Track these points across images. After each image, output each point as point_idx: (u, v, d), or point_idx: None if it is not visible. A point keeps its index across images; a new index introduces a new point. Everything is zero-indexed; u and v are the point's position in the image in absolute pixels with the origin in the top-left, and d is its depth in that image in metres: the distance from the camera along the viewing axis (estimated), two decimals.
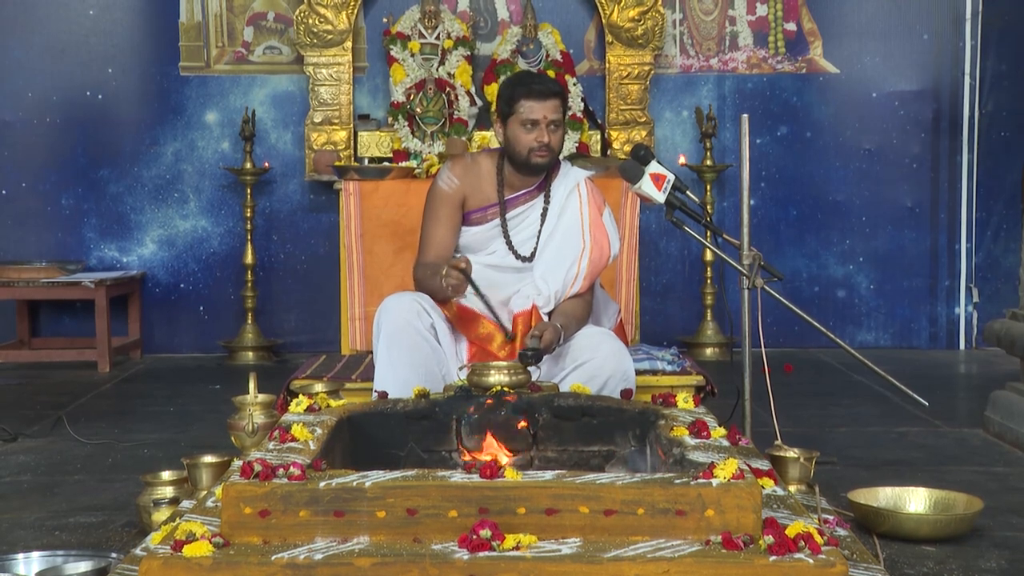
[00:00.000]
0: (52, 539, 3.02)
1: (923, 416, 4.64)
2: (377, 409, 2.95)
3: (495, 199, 3.68)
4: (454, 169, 3.71)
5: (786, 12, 6.84)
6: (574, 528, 2.05)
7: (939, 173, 6.87)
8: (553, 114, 3.55)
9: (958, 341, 6.90)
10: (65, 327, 6.74)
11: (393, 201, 5.41)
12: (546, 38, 6.55)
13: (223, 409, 3.73)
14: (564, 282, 3.60)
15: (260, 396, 3.11)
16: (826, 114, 6.86)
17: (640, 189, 3.33)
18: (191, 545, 1.98)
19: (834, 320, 6.80)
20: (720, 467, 2.11)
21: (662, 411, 2.88)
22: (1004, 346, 4.31)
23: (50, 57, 6.66)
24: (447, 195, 3.66)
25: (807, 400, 5.12)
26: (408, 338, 3.44)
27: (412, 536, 2.05)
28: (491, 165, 3.70)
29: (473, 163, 3.73)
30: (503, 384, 2.94)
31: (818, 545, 1.95)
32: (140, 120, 6.73)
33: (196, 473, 3.01)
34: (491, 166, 3.70)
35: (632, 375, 3.47)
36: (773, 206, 6.87)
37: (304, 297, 6.71)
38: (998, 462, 3.94)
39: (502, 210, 3.68)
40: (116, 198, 6.72)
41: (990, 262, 6.89)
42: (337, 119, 6.52)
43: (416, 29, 6.50)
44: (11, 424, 4.49)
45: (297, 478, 2.12)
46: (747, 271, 3.28)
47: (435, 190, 3.69)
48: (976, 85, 6.80)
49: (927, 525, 2.97)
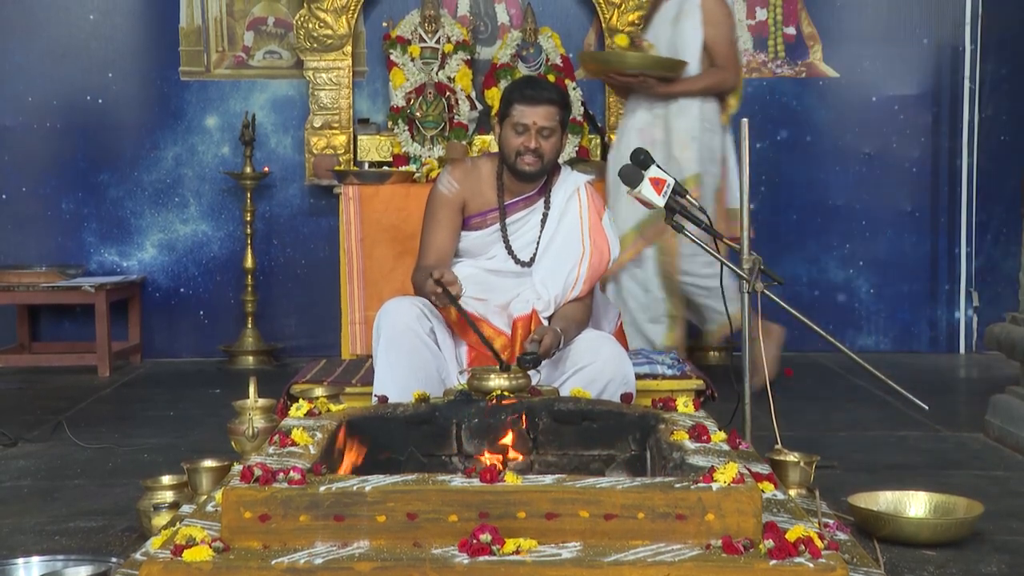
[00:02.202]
0: (52, 544, 3.02)
1: (923, 420, 4.63)
2: (377, 413, 2.95)
3: (495, 204, 3.68)
4: (454, 173, 3.71)
5: (785, 16, 6.85)
6: (574, 532, 2.05)
7: (939, 177, 6.87)
8: (545, 121, 3.54)
9: (958, 345, 6.90)
10: (65, 331, 6.74)
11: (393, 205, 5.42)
12: (546, 42, 6.55)
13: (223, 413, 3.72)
14: (564, 287, 3.60)
15: (260, 400, 3.11)
16: (826, 118, 6.86)
17: (640, 193, 3.33)
18: (191, 550, 1.98)
19: (834, 324, 6.79)
20: (720, 471, 2.11)
21: (662, 415, 2.88)
22: (1004, 350, 4.31)
23: (50, 61, 6.67)
24: (447, 199, 3.67)
25: (807, 404, 5.12)
26: (408, 342, 3.44)
27: (412, 540, 2.05)
28: (491, 169, 3.70)
29: (474, 167, 3.74)
30: (503, 388, 2.94)
31: (818, 549, 1.95)
32: (140, 124, 6.73)
33: (196, 477, 3.01)
34: (491, 170, 3.70)
35: (632, 379, 3.48)
36: (773, 210, 6.87)
37: (304, 301, 6.71)
38: (998, 466, 3.94)
39: (502, 215, 3.68)
40: (116, 202, 6.72)
41: (990, 266, 6.89)
42: (337, 123, 6.52)
43: (416, 33, 6.51)
44: (11, 428, 4.49)
45: (297, 482, 2.12)
46: (747, 275, 3.28)
47: (435, 194, 3.70)
48: (976, 89, 6.80)
49: (927, 529, 2.97)
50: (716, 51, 5.12)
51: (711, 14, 5.09)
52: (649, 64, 5.04)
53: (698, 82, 5.11)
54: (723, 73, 5.14)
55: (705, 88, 5.12)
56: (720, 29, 5.12)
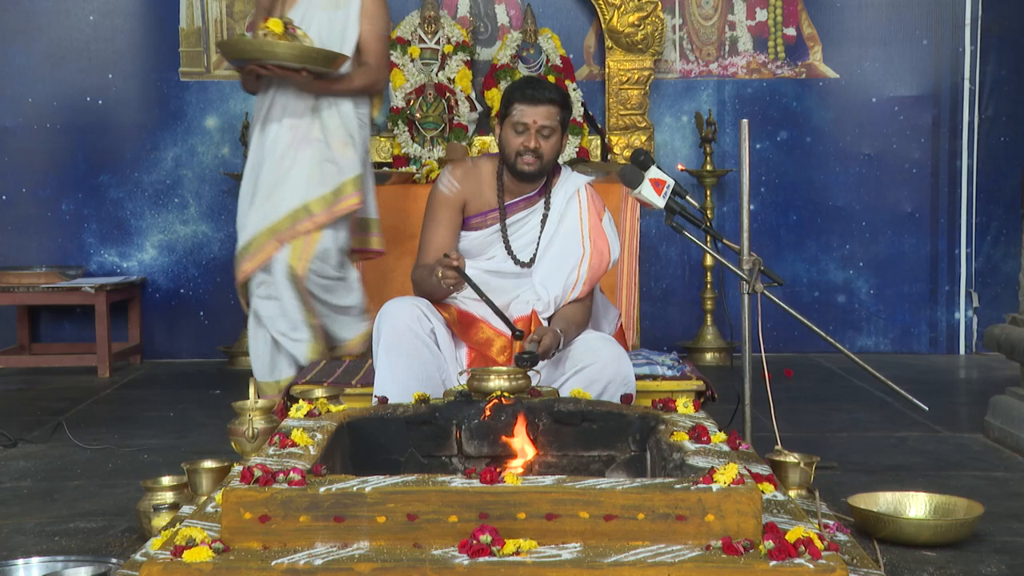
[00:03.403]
0: (52, 544, 3.02)
1: (923, 421, 4.64)
2: (377, 414, 2.95)
3: (495, 204, 3.68)
4: (455, 173, 3.71)
5: (786, 17, 6.85)
6: (574, 533, 2.05)
7: (939, 178, 6.87)
8: (545, 120, 3.54)
9: (958, 346, 6.90)
10: (65, 332, 6.74)
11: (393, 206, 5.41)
12: (546, 43, 6.56)
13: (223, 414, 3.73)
14: (564, 288, 3.60)
15: (260, 401, 3.11)
16: (826, 119, 6.87)
17: (640, 194, 3.33)
18: (191, 551, 1.98)
19: (834, 325, 6.80)
20: (720, 472, 2.11)
21: (662, 416, 2.88)
22: (1004, 351, 4.31)
23: (51, 63, 6.67)
24: (448, 199, 3.67)
25: (807, 405, 5.12)
26: (408, 343, 3.44)
27: (412, 541, 2.05)
28: (492, 170, 3.70)
29: (474, 167, 3.74)
30: (503, 389, 2.94)
31: (818, 550, 1.95)
32: (140, 125, 6.73)
33: (196, 478, 3.01)
34: (492, 171, 3.70)
35: (632, 380, 3.47)
36: (773, 211, 6.88)
37: None
38: (998, 467, 3.94)
39: (502, 215, 3.68)
40: (116, 203, 6.72)
41: (990, 267, 6.89)
42: None
43: (416, 34, 6.51)
44: (11, 429, 4.49)
45: (297, 483, 2.12)
46: (747, 276, 3.28)
47: (436, 193, 3.70)
48: (976, 90, 6.80)
49: (927, 530, 2.97)
50: (370, 48, 4.56)
51: (370, 7, 4.55)
52: (304, 56, 4.34)
53: (356, 81, 4.54)
54: (377, 73, 4.60)
55: (363, 88, 4.57)
56: (377, 25, 4.59)
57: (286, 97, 4.51)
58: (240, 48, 4.41)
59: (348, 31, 4.52)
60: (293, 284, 4.49)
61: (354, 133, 4.58)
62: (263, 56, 4.33)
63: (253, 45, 4.35)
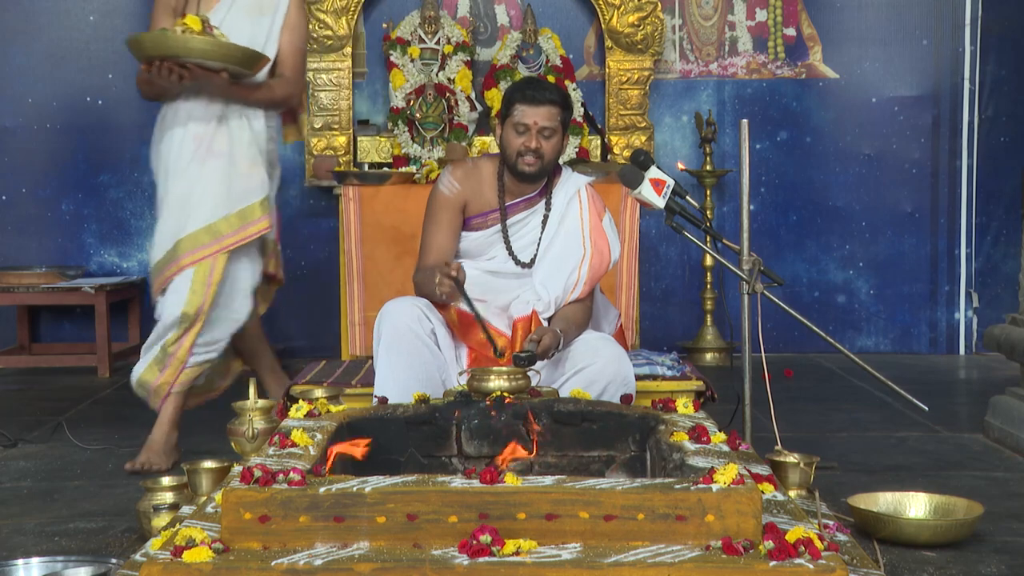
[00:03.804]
0: (52, 545, 3.02)
1: (923, 421, 4.64)
2: (377, 414, 2.95)
3: (496, 204, 3.68)
4: (455, 173, 3.71)
5: (785, 17, 6.85)
6: (574, 533, 2.05)
7: (939, 178, 6.87)
8: (546, 121, 3.54)
9: (958, 346, 6.90)
10: (65, 332, 6.74)
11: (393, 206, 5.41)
12: (546, 43, 6.56)
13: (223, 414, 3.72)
14: (564, 288, 3.60)
15: (260, 401, 3.11)
16: (826, 119, 6.87)
17: (640, 194, 3.33)
18: (191, 551, 1.98)
19: (834, 325, 6.80)
20: (720, 472, 2.11)
21: (662, 416, 2.89)
22: (1004, 351, 4.31)
23: (51, 63, 6.67)
24: (448, 199, 3.67)
25: (807, 405, 5.12)
26: (408, 343, 3.44)
27: (412, 541, 2.05)
28: (492, 170, 3.70)
29: (474, 168, 3.74)
30: (503, 389, 2.94)
31: (818, 550, 1.95)
32: (140, 126, 6.68)
33: (196, 479, 3.01)
34: (492, 171, 3.70)
35: (632, 380, 3.48)
36: (773, 211, 6.88)
37: (304, 302, 6.71)
38: (998, 467, 3.94)
39: (503, 216, 3.68)
40: (116, 203, 6.72)
41: (990, 267, 6.89)
42: (337, 124, 6.52)
43: (416, 34, 6.51)
44: (11, 429, 4.49)
45: (297, 483, 2.12)
46: (747, 276, 3.28)
47: (436, 194, 3.70)
48: (976, 90, 6.80)
49: (927, 530, 2.97)
50: (288, 62, 4.21)
51: (294, 18, 4.22)
52: (228, 54, 3.90)
53: (276, 91, 4.17)
54: (295, 86, 4.25)
55: (283, 99, 4.22)
56: (297, 37, 4.25)
57: (192, 102, 4.09)
58: (157, 44, 3.86)
59: (270, 40, 4.18)
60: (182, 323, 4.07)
61: (263, 150, 4.19)
62: (182, 53, 3.84)
63: (173, 40, 3.84)
